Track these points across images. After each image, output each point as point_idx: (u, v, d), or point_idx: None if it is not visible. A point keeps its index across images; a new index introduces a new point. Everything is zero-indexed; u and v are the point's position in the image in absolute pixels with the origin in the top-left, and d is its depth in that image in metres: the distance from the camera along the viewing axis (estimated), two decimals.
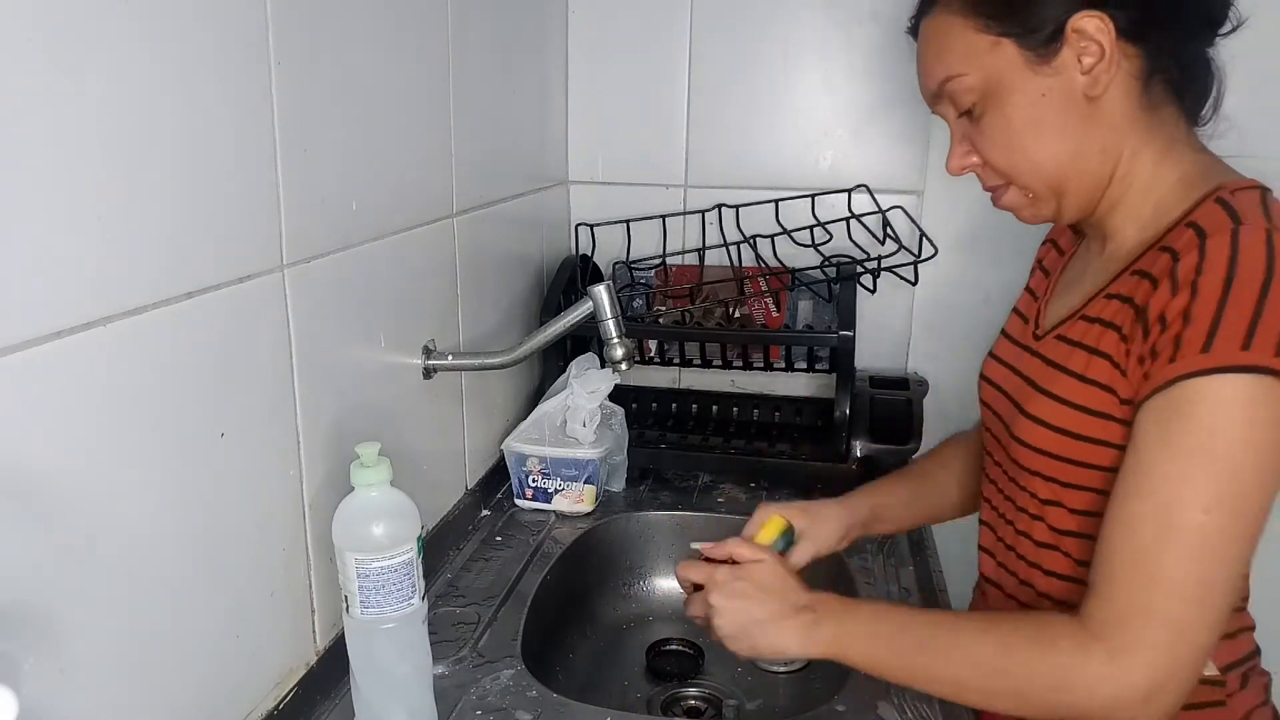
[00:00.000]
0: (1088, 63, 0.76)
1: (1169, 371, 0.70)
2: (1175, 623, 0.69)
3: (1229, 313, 0.68)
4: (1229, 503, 0.68)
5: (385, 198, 0.94)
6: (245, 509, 0.75)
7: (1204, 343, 0.68)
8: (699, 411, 1.51)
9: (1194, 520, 0.68)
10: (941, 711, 0.85)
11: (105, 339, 0.59)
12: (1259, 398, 0.68)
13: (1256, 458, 0.69)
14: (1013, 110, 0.79)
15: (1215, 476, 0.68)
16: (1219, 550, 0.69)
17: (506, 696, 0.87)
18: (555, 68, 1.48)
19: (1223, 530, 0.69)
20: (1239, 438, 0.68)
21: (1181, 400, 0.69)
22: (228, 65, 0.69)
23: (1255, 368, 0.67)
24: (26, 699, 0.46)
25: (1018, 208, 0.85)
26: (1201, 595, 0.69)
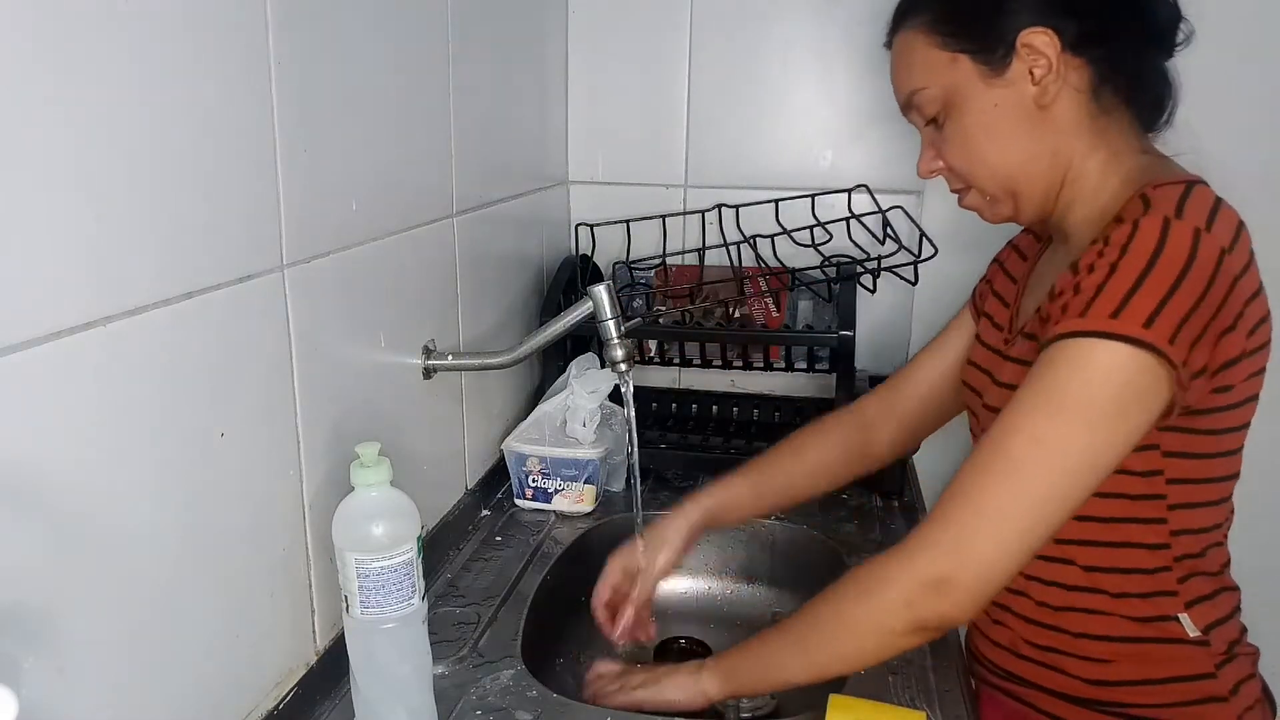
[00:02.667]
0: (1038, 74, 0.83)
1: (1050, 331, 0.77)
2: (962, 528, 0.75)
3: (1110, 285, 0.74)
4: (1053, 448, 0.74)
5: (385, 198, 0.94)
6: (245, 509, 0.75)
7: (1082, 310, 0.74)
8: (699, 411, 1.52)
9: (1016, 453, 0.75)
10: (940, 708, 0.85)
11: (105, 339, 0.59)
12: (1115, 365, 0.73)
13: (1095, 418, 0.74)
14: (970, 119, 0.86)
15: (1051, 423, 0.74)
16: (1029, 482, 0.74)
17: (506, 696, 0.87)
18: (555, 68, 1.48)
19: (1038, 470, 0.74)
20: (1085, 396, 0.74)
21: (1053, 355, 0.75)
22: (228, 65, 0.69)
23: (1119, 335, 0.73)
24: (26, 699, 0.46)
25: (979, 209, 0.91)
26: (998, 518, 0.75)
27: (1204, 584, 0.87)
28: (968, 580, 0.75)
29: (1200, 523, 0.85)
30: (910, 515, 1.25)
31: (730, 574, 1.25)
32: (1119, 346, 0.72)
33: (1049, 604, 0.88)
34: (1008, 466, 0.75)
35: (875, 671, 0.90)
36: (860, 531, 1.20)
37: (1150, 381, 0.73)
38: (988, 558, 0.75)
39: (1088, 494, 0.75)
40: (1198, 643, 0.85)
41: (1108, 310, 0.73)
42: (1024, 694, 0.92)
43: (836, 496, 1.29)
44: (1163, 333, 0.72)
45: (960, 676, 0.91)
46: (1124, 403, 0.74)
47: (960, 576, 0.75)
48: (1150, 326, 0.72)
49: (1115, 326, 0.73)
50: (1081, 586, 0.86)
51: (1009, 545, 0.75)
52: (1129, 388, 0.74)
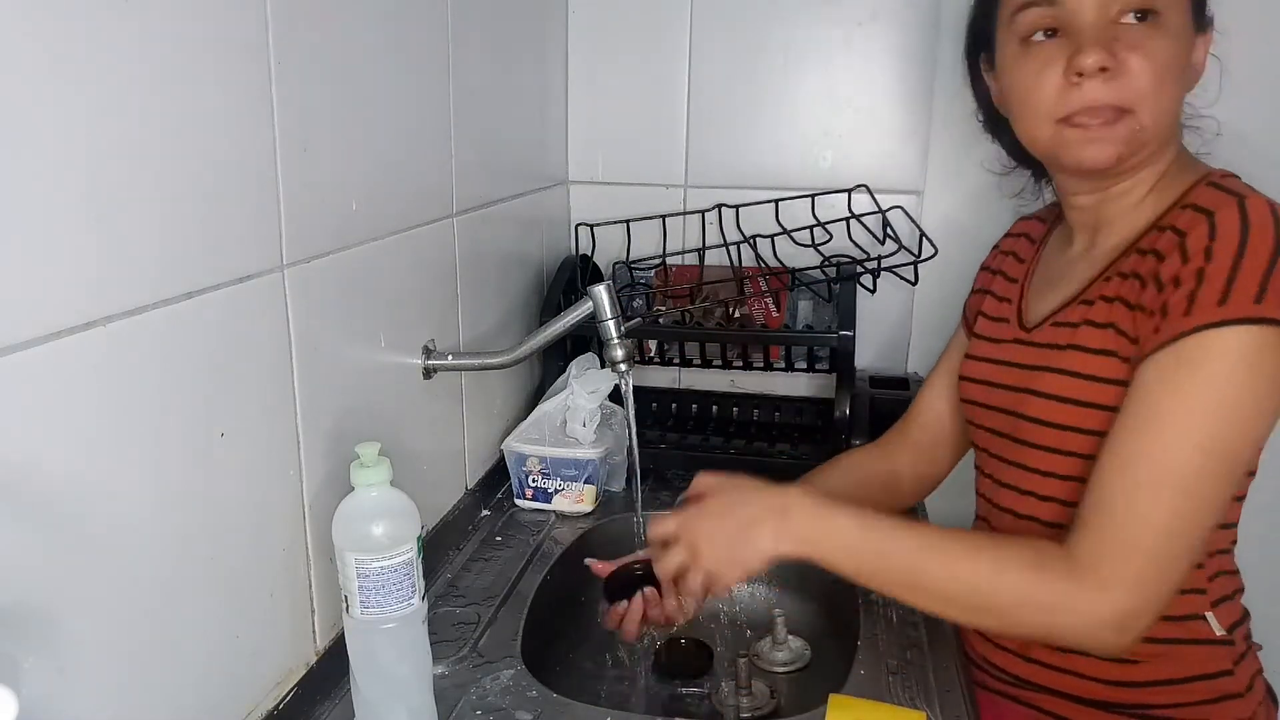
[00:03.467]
0: (1200, 56, 0.83)
1: (1183, 324, 0.73)
2: (1160, 558, 0.73)
3: (1244, 269, 0.72)
4: (1223, 445, 0.73)
5: (385, 198, 0.94)
6: (245, 509, 0.75)
7: (1220, 297, 0.72)
8: (699, 411, 1.51)
9: (1190, 460, 0.72)
10: (940, 708, 0.85)
11: (105, 339, 0.59)
12: (1267, 349, 0.72)
13: (1255, 406, 0.73)
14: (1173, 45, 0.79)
15: (1216, 420, 0.72)
16: (1207, 489, 0.73)
17: (506, 696, 0.87)
18: (555, 68, 1.48)
19: (1214, 471, 0.73)
20: (1244, 385, 0.72)
21: (1194, 350, 0.73)
22: (227, 65, 0.69)
23: (1267, 319, 0.71)
24: (26, 699, 0.46)
25: (1103, 142, 0.80)
26: (1185, 531, 0.73)
27: (1227, 583, 0.87)
28: (1152, 614, 0.74)
29: (1231, 518, 0.85)
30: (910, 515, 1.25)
31: None
32: (1269, 330, 0.71)
33: None
34: (1185, 479, 0.72)
35: (875, 671, 0.90)
36: None
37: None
38: (1176, 581, 0.74)
39: None
40: (1222, 642, 0.85)
41: (1250, 294, 0.71)
42: (1031, 698, 0.91)
43: None
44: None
45: (960, 676, 0.91)
46: (1277, 382, 0.73)
47: (1147, 610, 0.73)
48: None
49: (1262, 310, 0.71)
50: None
51: (1191, 560, 0.75)
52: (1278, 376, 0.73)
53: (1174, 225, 0.78)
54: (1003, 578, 0.76)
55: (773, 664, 1.09)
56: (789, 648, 1.10)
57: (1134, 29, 0.78)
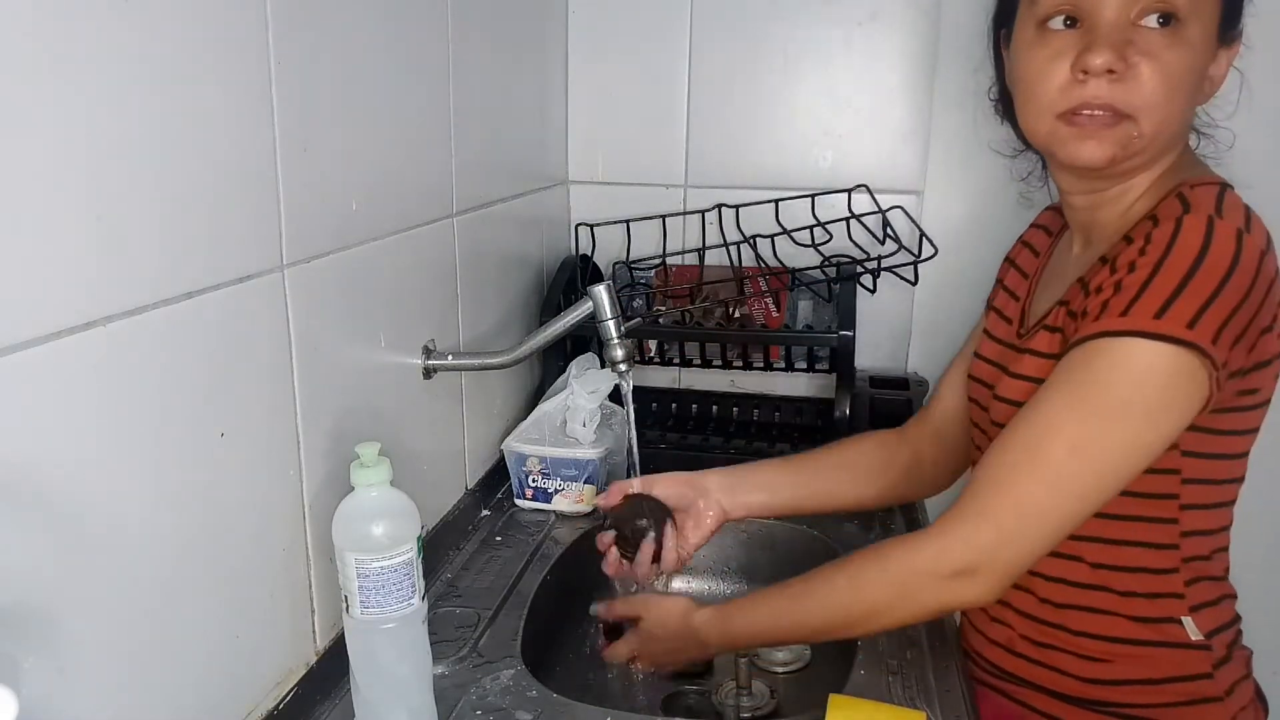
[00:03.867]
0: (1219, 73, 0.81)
1: (1089, 328, 0.76)
2: (1002, 529, 0.77)
3: (1154, 284, 0.73)
4: (1093, 451, 0.75)
5: (385, 198, 0.94)
6: (245, 509, 0.75)
7: (1124, 307, 0.74)
8: (699, 411, 1.51)
9: (1056, 455, 0.75)
10: (940, 708, 0.85)
11: (105, 339, 0.59)
12: (1156, 366, 0.73)
13: (1137, 420, 0.75)
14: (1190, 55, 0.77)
15: (1091, 425, 0.75)
16: (1067, 487, 0.76)
17: (506, 696, 0.87)
18: (555, 68, 1.48)
19: (1078, 473, 0.76)
20: (1127, 397, 0.74)
21: (1090, 353, 0.75)
22: (228, 65, 0.69)
23: (1162, 336, 0.72)
24: (26, 699, 0.46)
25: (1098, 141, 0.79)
26: (1036, 516, 0.76)
27: (1209, 589, 0.87)
28: (999, 567, 0.77)
29: (1209, 525, 0.85)
30: (910, 515, 1.25)
31: (730, 574, 1.25)
32: (1162, 346, 0.72)
33: (1052, 600, 0.88)
34: (1047, 469, 0.75)
35: (875, 671, 0.90)
36: (860, 531, 1.20)
37: (1190, 381, 0.73)
38: (1021, 552, 0.77)
39: (1118, 492, 0.77)
40: (1199, 646, 0.85)
41: (1152, 310, 0.72)
42: (1018, 692, 0.92)
43: None
44: (1206, 332, 0.72)
45: (960, 676, 0.91)
46: (1165, 402, 0.74)
47: (993, 562, 0.77)
48: (1194, 326, 0.71)
49: (1159, 326, 0.72)
50: (1088, 584, 0.86)
51: (1041, 542, 0.77)
52: (1170, 387, 0.73)
53: (1132, 235, 0.78)
54: (858, 581, 0.83)
55: (773, 664, 1.09)
56: (789, 648, 1.10)
57: (1152, 34, 0.76)
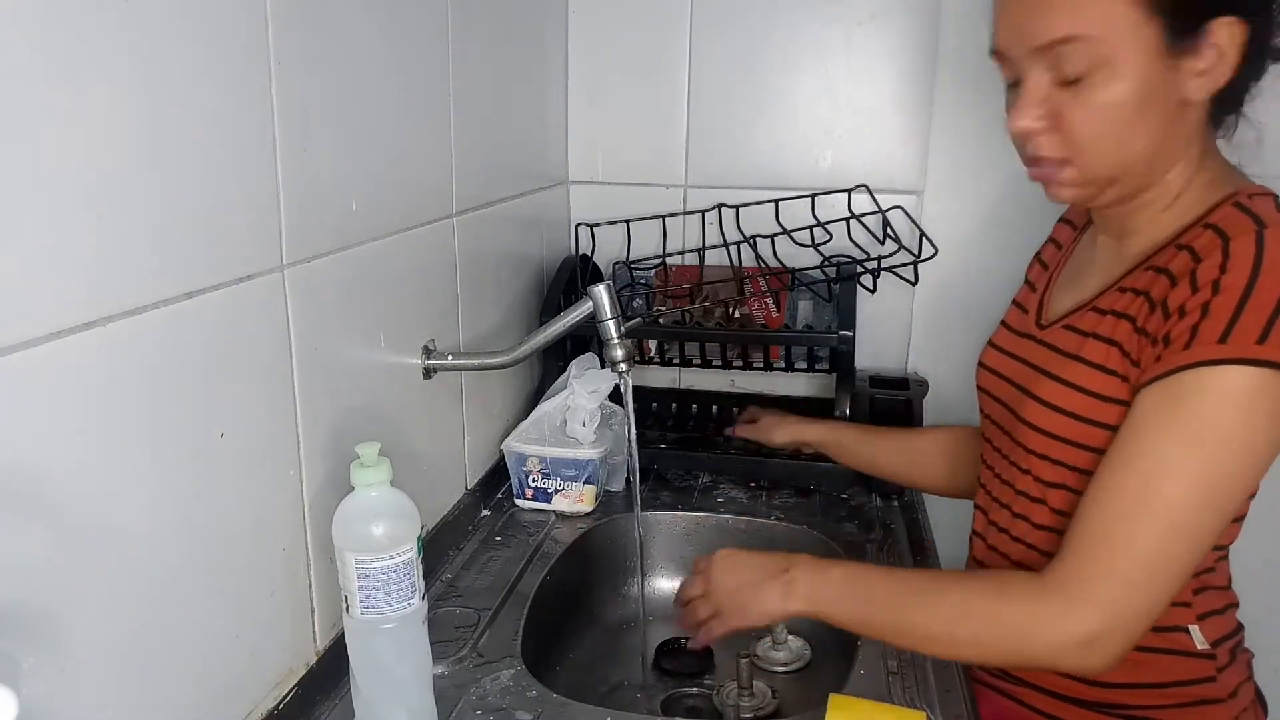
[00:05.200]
0: (1202, 67, 0.75)
1: (1182, 358, 0.72)
2: (1130, 584, 0.73)
3: (1250, 307, 0.70)
4: (1209, 487, 0.72)
5: (385, 198, 0.94)
6: (245, 509, 0.75)
7: (1221, 333, 0.70)
8: (699, 411, 1.51)
9: (1173, 498, 0.72)
10: (940, 708, 0.85)
11: (105, 339, 0.59)
12: (1264, 392, 0.70)
13: (1245, 450, 0.72)
14: (1126, 93, 0.75)
15: (1204, 461, 0.72)
16: (1188, 530, 0.73)
17: (506, 696, 0.87)
18: (555, 68, 1.48)
19: (1196, 512, 0.72)
20: (1235, 428, 0.71)
21: (1189, 385, 0.72)
22: (228, 65, 0.69)
23: (1268, 362, 0.69)
24: (26, 699, 0.46)
25: (1058, 185, 0.81)
26: (1161, 566, 0.73)
27: (1215, 598, 0.87)
28: (1121, 637, 0.74)
29: (1227, 538, 0.85)
30: (910, 515, 1.25)
31: None
32: (1267, 372, 0.70)
33: None
34: (1165, 514, 0.72)
35: (875, 671, 0.90)
36: (860, 531, 1.20)
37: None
38: (1148, 611, 0.74)
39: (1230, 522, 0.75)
40: (1204, 655, 0.85)
41: (1254, 335, 0.70)
42: (1019, 693, 0.92)
43: (836, 497, 1.29)
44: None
45: (960, 676, 0.91)
46: (1271, 427, 0.72)
47: (1116, 632, 0.74)
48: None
49: (1263, 352, 0.70)
50: None
51: (1170, 591, 0.74)
52: (1276, 411, 0.71)
53: (1191, 245, 0.76)
54: (970, 607, 0.79)
55: (773, 664, 1.09)
56: (789, 648, 1.10)
57: (1066, 87, 0.76)
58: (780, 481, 1.33)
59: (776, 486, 1.32)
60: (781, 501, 1.28)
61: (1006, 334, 0.97)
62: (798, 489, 1.31)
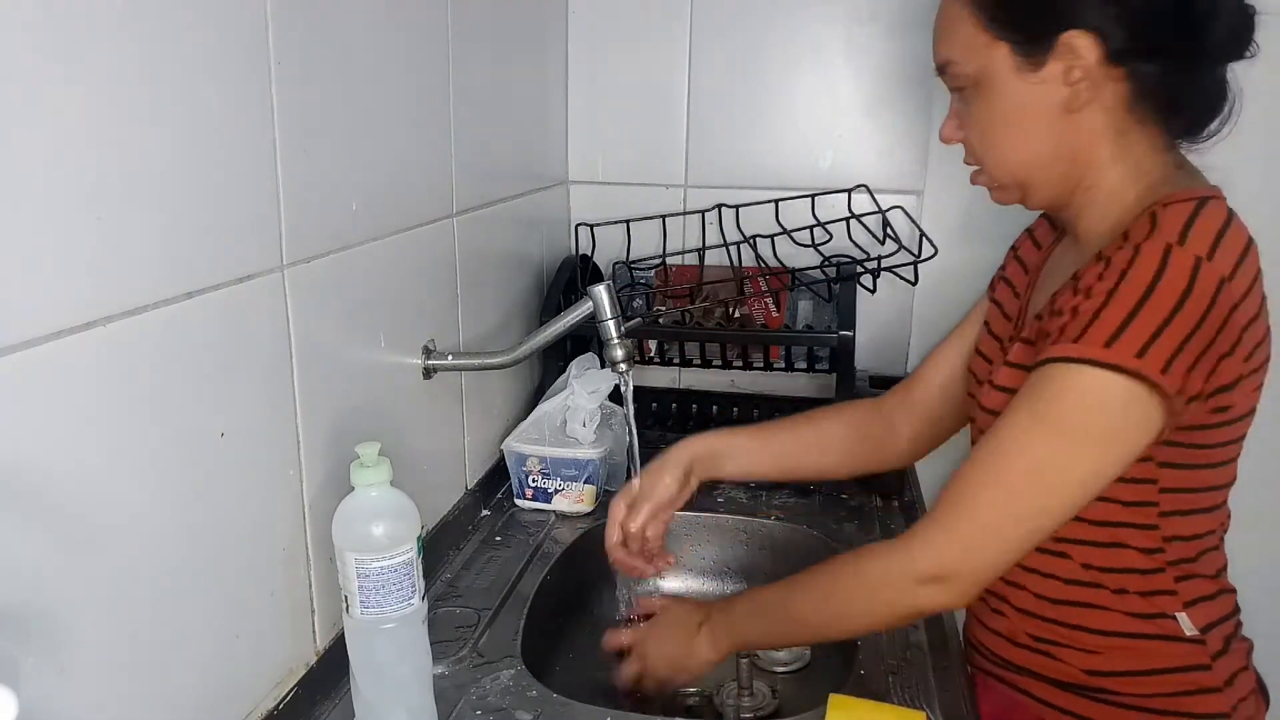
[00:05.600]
0: (1073, 77, 0.80)
1: (1047, 351, 0.77)
2: (965, 539, 0.79)
3: (1106, 313, 0.75)
4: (1049, 475, 0.77)
5: (385, 198, 0.94)
6: (245, 509, 0.75)
7: (1078, 334, 0.75)
8: (699, 411, 1.51)
9: (1014, 477, 0.78)
10: (940, 708, 0.85)
11: (105, 339, 0.59)
12: (1106, 395, 0.75)
13: (1087, 446, 0.77)
14: (995, 106, 0.85)
15: (1047, 449, 0.77)
16: (1023, 508, 0.78)
17: (506, 696, 0.87)
18: (555, 68, 1.48)
19: (1033, 495, 0.78)
20: (1079, 423, 0.76)
21: (1046, 377, 0.77)
22: (228, 65, 0.69)
23: (1110, 365, 0.74)
24: (26, 699, 0.46)
25: (988, 188, 0.92)
26: (995, 532, 0.79)
27: (1203, 585, 0.87)
28: (966, 575, 0.79)
29: (1193, 530, 0.86)
30: (910, 515, 1.25)
31: (729, 574, 1.25)
32: (1112, 375, 0.74)
33: (1046, 596, 0.88)
34: (1005, 488, 0.78)
35: (875, 671, 0.90)
36: (860, 531, 1.20)
37: (1141, 410, 0.75)
38: (985, 560, 0.80)
39: (1078, 509, 0.78)
40: (1193, 640, 0.86)
41: (1102, 338, 0.74)
42: (1019, 681, 0.93)
43: (836, 496, 1.29)
44: (1155, 363, 0.73)
45: (960, 675, 0.91)
46: (1114, 431, 0.76)
47: (960, 571, 0.79)
48: (1143, 356, 0.73)
49: (1108, 355, 0.73)
50: (1080, 581, 0.87)
51: (1004, 553, 0.79)
52: (1120, 416, 0.75)
53: (1107, 255, 0.79)
54: (839, 583, 0.85)
55: (773, 664, 1.09)
56: (789, 648, 1.10)
57: (961, 105, 0.88)
58: (780, 481, 1.33)
59: (777, 486, 1.32)
60: (781, 501, 1.28)
61: (988, 339, 1.00)
62: (798, 489, 1.31)
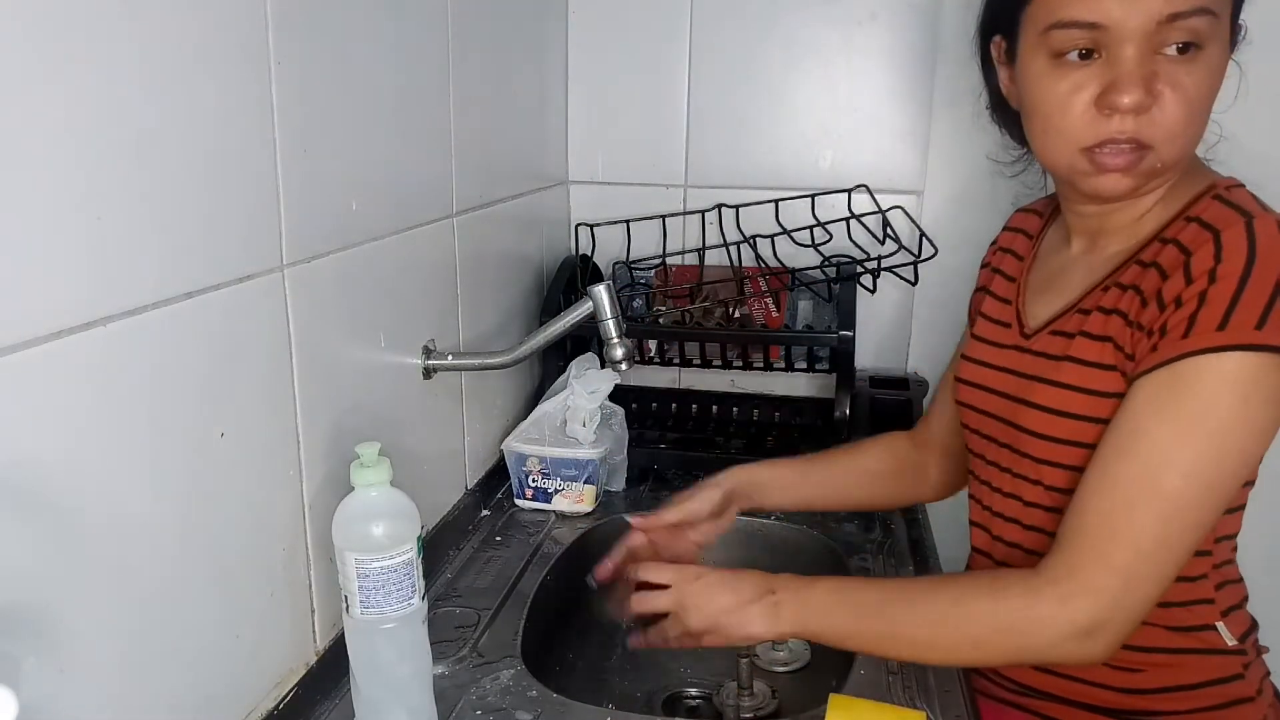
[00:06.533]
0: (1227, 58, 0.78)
1: (1179, 346, 0.72)
2: (1125, 572, 0.73)
3: (1246, 295, 0.71)
4: (1208, 473, 0.72)
5: (385, 198, 0.94)
6: (245, 509, 0.75)
7: (1220, 321, 0.71)
8: (699, 411, 1.51)
9: (1172, 485, 0.72)
10: (940, 708, 0.85)
11: (105, 339, 0.59)
12: (1262, 376, 0.71)
13: (1244, 435, 0.72)
14: (1214, 75, 0.76)
15: (1203, 447, 0.72)
16: (1187, 515, 0.73)
17: (506, 696, 0.87)
18: (555, 68, 1.48)
19: (1195, 498, 0.72)
20: (1234, 413, 0.72)
21: (1187, 373, 0.72)
22: (228, 65, 0.69)
23: (1266, 346, 0.70)
24: (26, 699, 0.46)
25: (1123, 174, 0.78)
26: (1159, 553, 0.73)
27: (1233, 592, 0.87)
28: (1121, 624, 0.73)
29: (1233, 528, 0.85)
30: (910, 514, 1.25)
31: None
32: (1266, 357, 0.70)
33: None
34: (1165, 502, 0.72)
35: (875, 671, 0.90)
36: (860, 531, 1.20)
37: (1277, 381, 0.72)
38: (1148, 598, 0.74)
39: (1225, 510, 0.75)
40: (1235, 651, 0.84)
41: (1252, 321, 0.70)
42: (1038, 706, 0.91)
43: None
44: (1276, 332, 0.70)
45: (960, 676, 0.91)
46: (1270, 412, 0.72)
47: (1116, 620, 0.73)
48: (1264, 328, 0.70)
49: (1262, 337, 0.70)
50: None
51: (1168, 578, 0.74)
52: (1274, 396, 0.72)
53: (1178, 239, 0.76)
54: (963, 608, 0.77)
55: (773, 664, 1.09)
56: (789, 648, 1.10)
57: (1173, 62, 0.74)
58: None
59: None
60: None
61: (985, 348, 0.95)
62: None
